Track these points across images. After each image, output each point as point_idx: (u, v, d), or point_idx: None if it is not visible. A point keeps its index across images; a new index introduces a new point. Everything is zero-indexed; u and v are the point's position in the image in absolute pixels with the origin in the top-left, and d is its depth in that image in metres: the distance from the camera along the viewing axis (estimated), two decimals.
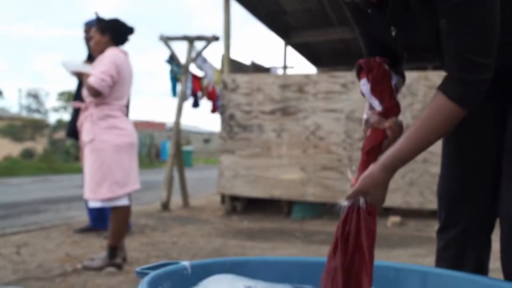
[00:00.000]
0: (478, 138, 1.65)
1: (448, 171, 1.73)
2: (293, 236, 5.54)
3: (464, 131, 1.63)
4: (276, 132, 6.96)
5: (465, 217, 1.68)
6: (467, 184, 1.67)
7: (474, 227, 1.68)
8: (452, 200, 1.70)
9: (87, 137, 3.88)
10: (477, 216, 1.68)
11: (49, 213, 7.46)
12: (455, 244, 1.70)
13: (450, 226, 1.71)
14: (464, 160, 1.68)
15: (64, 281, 3.56)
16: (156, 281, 1.37)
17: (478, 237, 1.69)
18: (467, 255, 1.68)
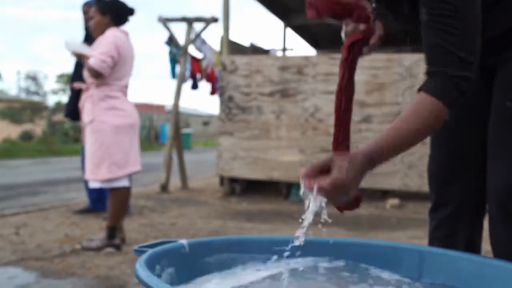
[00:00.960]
0: (467, 117, 1.65)
1: (438, 150, 1.74)
2: (291, 218, 5.55)
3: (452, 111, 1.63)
4: (275, 114, 6.95)
5: (456, 197, 1.69)
6: (456, 164, 1.67)
7: (465, 207, 1.69)
8: (443, 180, 1.71)
9: (88, 117, 3.89)
10: (468, 196, 1.68)
11: (48, 195, 7.47)
12: (447, 224, 1.71)
13: (441, 205, 1.72)
14: (453, 139, 1.68)
15: (63, 261, 3.57)
16: (153, 259, 1.37)
17: (469, 217, 1.70)
18: (459, 234, 1.69)
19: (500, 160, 1.52)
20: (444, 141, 1.70)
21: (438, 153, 1.73)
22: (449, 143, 1.69)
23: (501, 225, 1.53)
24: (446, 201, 1.70)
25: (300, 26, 10.85)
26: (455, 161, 1.67)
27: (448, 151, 1.69)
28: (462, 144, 1.67)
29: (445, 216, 1.71)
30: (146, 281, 1.15)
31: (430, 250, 1.55)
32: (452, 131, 1.66)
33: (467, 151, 1.67)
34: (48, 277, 3.21)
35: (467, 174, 1.67)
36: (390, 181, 6.43)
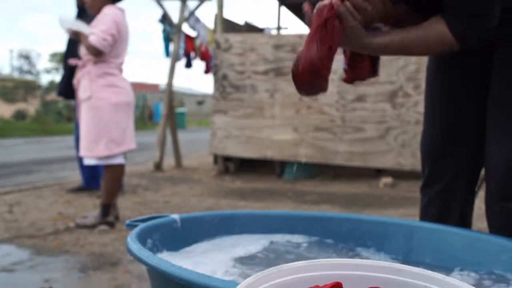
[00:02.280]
0: (461, 92, 1.64)
1: (432, 125, 1.73)
2: (285, 196, 5.57)
3: (447, 84, 1.63)
4: (269, 93, 6.93)
5: (448, 172, 1.68)
6: (449, 138, 1.66)
7: (457, 182, 1.68)
8: (435, 155, 1.70)
9: (85, 94, 3.86)
10: (461, 171, 1.68)
11: (42, 173, 7.46)
12: (438, 200, 1.70)
13: (433, 181, 1.71)
14: (446, 114, 1.67)
15: (56, 238, 3.58)
16: (145, 233, 1.38)
17: (461, 192, 1.69)
18: (451, 210, 1.69)
19: (501, 138, 1.51)
20: (438, 115, 1.69)
21: (432, 128, 1.72)
22: (443, 117, 1.68)
23: (499, 202, 1.52)
24: (438, 177, 1.69)
25: (295, 4, 10.77)
26: (449, 136, 1.66)
27: (442, 125, 1.68)
28: (457, 119, 1.65)
29: (437, 192, 1.70)
30: (137, 253, 1.16)
31: (420, 224, 1.56)
32: (447, 105, 1.65)
33: (462, 126, 1.65)
34: (42, 254, 3.21)
35: (461, 149, 1.66)
36: (383, 160, 6.44)
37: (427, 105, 1.73)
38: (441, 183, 1.69)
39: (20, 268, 2.92)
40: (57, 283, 2.66)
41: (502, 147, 1.48)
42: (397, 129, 6.30)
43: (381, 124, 6.42)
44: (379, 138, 6.44)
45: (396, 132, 6.32)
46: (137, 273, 2.82)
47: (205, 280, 0.99)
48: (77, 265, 3.01)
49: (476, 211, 1.79)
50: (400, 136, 6.28)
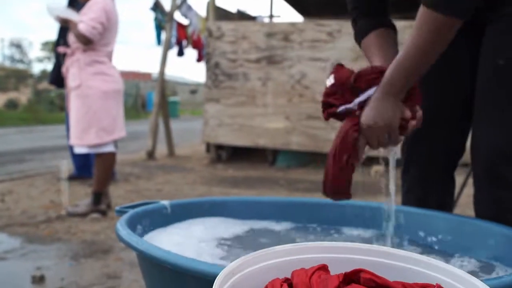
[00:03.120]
0: (444, 76, 1.63)
1: None
2: (277, 184, 5.58)
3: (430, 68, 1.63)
4: (261, 81, 6.93)
5: (425, 158, 1.67)
6: (428, 124, 1.64)
7: (434, 168, 1.67)
8: (415, 139, 1.67)
9: (74, 82, 3.85)
10: (438, 157, 1.66)
11: (34, 162, 7.44)
12: (418, 186, 1.69)
13: (412, 167, 1.70)
14: (428, 97, 1.65)
15: (48, 227, 3.58)
16: (135, 219, 1.38)
17: (440, 178, 1.68)
18: (430, 196, 1.67)
19: (488, 121, 1.48)
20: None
21: None
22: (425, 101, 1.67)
23: (486, 187, 1.49)
24: (418, 162, 1.68)
25: None
26: (429, 120, 1.65)
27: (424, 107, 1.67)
28: (438, 103, 1.64)
29: (415, 178, 1.69)
30: (126, 239, 1.16)
31: (407, 209, 1.57)
32: (428, 89, 1.64)
33: (443, 110, 1.64)
34: (34, 242, 3.21)
35: (440, 133, 1.65)
36: None
37: None
38: (418, 169, 1.68)
39: (12, 256, 2.92)
40: (49, 271, 2.66)
41: (489, 131, 1.46)
42: None
43: None
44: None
45: None
46: (129, 261, 2.83)
47: (193, 264, 0.99)
48: (69, 253, 3.01)
49: (466, 199, 1.79)
50: None
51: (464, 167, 3.07)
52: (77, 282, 2.52)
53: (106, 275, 2.62)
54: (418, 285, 0.72)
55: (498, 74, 1.47)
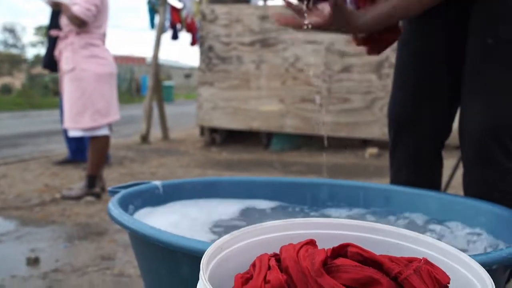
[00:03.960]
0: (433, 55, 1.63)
1: (398, 89, 1.70)
2: (271, 167, 5.59)
3: (419, 47, 1.62)
4: (255, 64, 6.92)
5: (413, 138, 1.66)
6: (416, 103, 1.64)
7: (422, 148, 1.67)
8: (401, 120, 1.67)
9: (68, 66, 3.84)
10: (425, 137, 1.66)
11: (28, 147, 7.42)
12: (406, 166, 1.69)
13: (399, 148, 1.69)
14: (415, 78, 1.65)
15: (42, 210, 3.58)
16: (127, 198, 1.39)
17: (427, 158, 1.68)
18: (419, 175, 1.67)
19: (477, 101, 1.48)
20: (407, 79, 1.67)
21: (399, 92, 1.70)
22: (412, 81, 1.65)
23: (476, 167, 1.49)
24: (404, 142, 1.68)
25: None
26: (415, 100, 1.64)
27: (409, 89, 1.65)
28: (425, 83, 1.64)
29: (403, 158, 1.69)
30: (118, 218, 1.17)
31: (397, 189, 1.58)
32: (417, 69, 1.64)
33: (430, 90, 1.64)
34: (28, 225, 3.22)
35: (428, 112, 1.65)
36: (369, 130, 6.48)
37: (397, 69, 1.71)
38: (405, 150, 1.68)
39: (7, 239, 2.93)
40: (43, 253, 2.67)
41: (479, 111, 1.46)
42: (383, 99, 6.32)
43: (367, 95, 6.44)
44: (365, 108, 6.46)
45: (382, 103, 6.34)
46: (123, 242, 2.84)
47: (184, 241, 1.00)
48: (63, 235, 3.02)
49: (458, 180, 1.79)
50: (386, 107, 6.27)
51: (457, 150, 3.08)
52: (71, 263, 2.53)
53: (100, 257, 2.63)
54: (405, 259, 0.73)
55: (487, 54, 1.47)
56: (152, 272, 1.20)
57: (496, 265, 0.99)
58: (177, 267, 1.07)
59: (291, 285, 0.67)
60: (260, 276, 0.68)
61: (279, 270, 0.69)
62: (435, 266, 0.73)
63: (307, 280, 0.65)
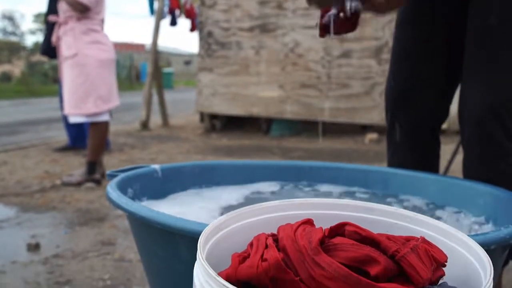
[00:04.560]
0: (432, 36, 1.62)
1: (396, 70, 1.69)
2: (271, 153, 5.59)
3: (417, 29, 1.61)
4: (255, 49, 6.89)
5: (410, 120, 1.66)
6: (412, 85, 1.63)
7: (419, 130, 1.66)
8: (397, 103, 1.66)
9: (69, 51, 3.82)
10: (423, 119, 1.66)
11: (28, 134, 7.42)
12: (403, 148, 1.68)
13: (396, 130, 1.68)
14: (408, 64, 1.65)
15: (43, 196, 3.59)
16: (125, 182, 1.39)
17: (425, 140, 1.68)
18: (416, 158, 1.67)
19: (478, 80, 1.47)
20: (405, 60, 1.66)
21: (397, 74, 1.69)
22: (409, 62, 1.65)
23: (476, 147, 1.47)
24: (401, 125, 1.67)
25: None
26: (412, 81, 1.63)
27: (406, 71, 1.65)
28: (424, 63, 1.63)
29: (400, 140, 1.68)
30: (116, 200, 1.17)
31: (395, 171, 1.58)
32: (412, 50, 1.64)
33: (428, 70, 1.63)
34: (28, 211, 3.22)
35: (423, 96, 1.64)
36: (369, 116, 6.47)
37: (393, 50, 1.70)
38: (403, 132, 1.67)
39: (7, 225, 2.93)
40: (44, 239, 2.68)
41: (479, 89, 1.45)
42: (383, 85, 6.23)
43: (367, 80, 6.42)
44: (364, 94, 6.45)
45: (381, 88, 6.31)
46: (123, 228, 2.84)
47: (181, 223, 1.00)
48: (64, 221, 3.03)
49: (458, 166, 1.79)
50: None
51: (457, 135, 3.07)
52: (72, 249, 2.53)
53: (100, 242, 2.64)
54: (403, 237, 0.73)
55: (488, 33, 1.46)
56: (151, 255, 1.20)
57: (494, 246, 0.99)
58: (176, 249, 1.07)
59: (289, 264, 0.67)
60: (257, 254, 0.68)
61: (277, 249, 0.69)
62: (433, 244, 0.73)
63: (304, 258, 0.65)
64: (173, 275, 1.14)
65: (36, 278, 2.16)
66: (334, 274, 0.62)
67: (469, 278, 0.74)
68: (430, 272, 0.68)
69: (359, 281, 0.61)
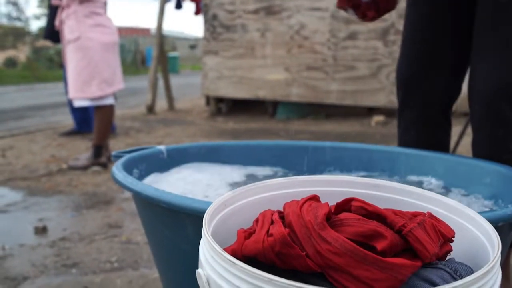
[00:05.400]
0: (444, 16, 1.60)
1: (407, 50, 1.68)
2: (277, 136, 5.59)
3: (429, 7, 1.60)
4: (260, 32, 6.86)
5: (421, 99, 1.64)
6: (424, 64, 1.61)
7: (430, 109, 1.65)
8: (409, 80, 1.65)
9: (72, 35, 3.80)
10: (434, 97, 1.64)
11: (35, 119, 7.43)
12: (414, 127, 1.67)
13: (407, 108, 1.67)
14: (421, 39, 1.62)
15: (49, 180, 3.60)
16: (131, 163, 1.39)
17: (435, 120, 1.66)
18: (427, 136, 1.66)
19: (489, 58, 1.45)
20: (415, 39, 1.64)
21: (409, 52, 1.67)
22: (420, 41, 1.64)
23: (486, 126, 1.46)
24: (412, 103, 1.66)
25: None
26: (424, 61, 1.61)
27: (417, 50, 1.64)
28: (433, 43, 1.61)
29: (411, 119, 1.67)
30: (121, 180, 1.17)
31: (402, 150, 1.57)
32: (424, 29, 1.62)
33: (439, 50, 1.61)
34: (35, 195, 3.23)
35: (434, 75, 1.62)
36: (375, 98, 6.44)
37: (405, 30, 1.68)
38: (414, 111, 1.66)
39: (14, 209, 2.95)
40: (51, 222, 2.69)
41: (490, 68, 1.43)
42: (389, 67, 6.26)
43: (373, 62, 6.38)
44: (371, 76, 6.42)
45: (388, 70, 6.29)
46: (130, 211, 2.85)
47: (187, 201, 1.00)
48: (71, 204, 3.04)
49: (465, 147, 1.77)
50: (392, 74, 6.25)
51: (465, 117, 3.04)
52: (79, 232, 2.54)
53: (107, 225, 2.65)
54: (409, 213, 0.72)
55: (499, 11, 1.44)
56: (157, 235, 1.20)
57: (502, 223, 0.98)
58: (182, 228, 1.07)
59: (295, 239, 0.66)
60: (263, 230, 0.68)
61: (283, 225, 0.68)
62: (440, 220, 0.72)
63: (310, 233, 0.65)
64: (179, 255, 1.14)
65: (43, 261, 2.17)
66: (341, 249, 0.62)
67: (477, 254, 0.73)
68: (437, 247, 0.68)
69: (366, 255, 0.61)
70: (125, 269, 2.09)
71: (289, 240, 0.65)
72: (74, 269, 2.09)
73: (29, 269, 2.09)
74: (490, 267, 0.60)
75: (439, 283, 0.63)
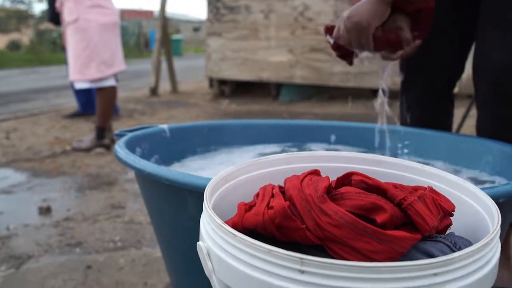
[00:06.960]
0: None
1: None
2: (280, 117, 5.58)
3: None
4: (264, 13, 6.82)
5: (424, 78, 1.64)
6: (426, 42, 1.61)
7: (433, 87, 1.65)
8: (410, 60, 1.63)
9: (70, 16, 3.79)
10: (437, 76, 1.64)
11: (38, 101, 7.43)
12: (416, 105, 1.67)
13: (410, 87, 1.67)
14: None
15: (53, 161, 3.61)
16: (134, 141, 1.39)
17: (438, 97, 1.66)
18: (429, 115, 1.66)
19: (495, 36, 1.43)
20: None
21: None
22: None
23: (490, 104, 1.45)
24: (415, 81, 1.66)
25: None
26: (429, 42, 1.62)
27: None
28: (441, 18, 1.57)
29: (413, 98, 1.67)
30: (124, 158, 1.17)
31: (404, 129, 1.57)
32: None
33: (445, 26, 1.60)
34: (39, 176, 3.25)
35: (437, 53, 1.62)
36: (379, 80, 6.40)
37: None
38: (416, 89, 1.66)
39: (19, 190, 2.96)
40: (55, 202, 2.70)
41: (496, 47, 1.42)
42: None
43: None
44: (374, 58, 6.37)
45: None
46: (133, 192, 2.86)
47: (189, 178, 1.00)
48: (74, 185, 3.05)
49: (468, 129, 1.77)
50: None
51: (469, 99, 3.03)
52: (82, 212, 2.56)
53: (110, 206, 2.66)
54: (410, 187, 0.72)
55: None
56: (160, 213, 1.20)
57: (503, 199, 0.98)
58: (184, 206, 1.07)
59: (295, 213, 0.66)
60: (263, 203, 0.68)
61: (283, 198, 0.69)
62: (440, 194, 0.72)
63: (310, 207, 0.65)
64: (182, 233, 1.14)
65: (47, 240, 2.19)
66: (341, 222, 0.62)
67: (477, 228, 0.74)
68: (437, 221, 0.68)
69: (366, 228, 0.61)
70: (128, 248, 2.11)
71: (289, 212, 0.65)
72: (78, 249, 2.10)
73: (33, 248, 2.10)
74: (490, 239, 0.60)
75: (438, 256, 0.63)
